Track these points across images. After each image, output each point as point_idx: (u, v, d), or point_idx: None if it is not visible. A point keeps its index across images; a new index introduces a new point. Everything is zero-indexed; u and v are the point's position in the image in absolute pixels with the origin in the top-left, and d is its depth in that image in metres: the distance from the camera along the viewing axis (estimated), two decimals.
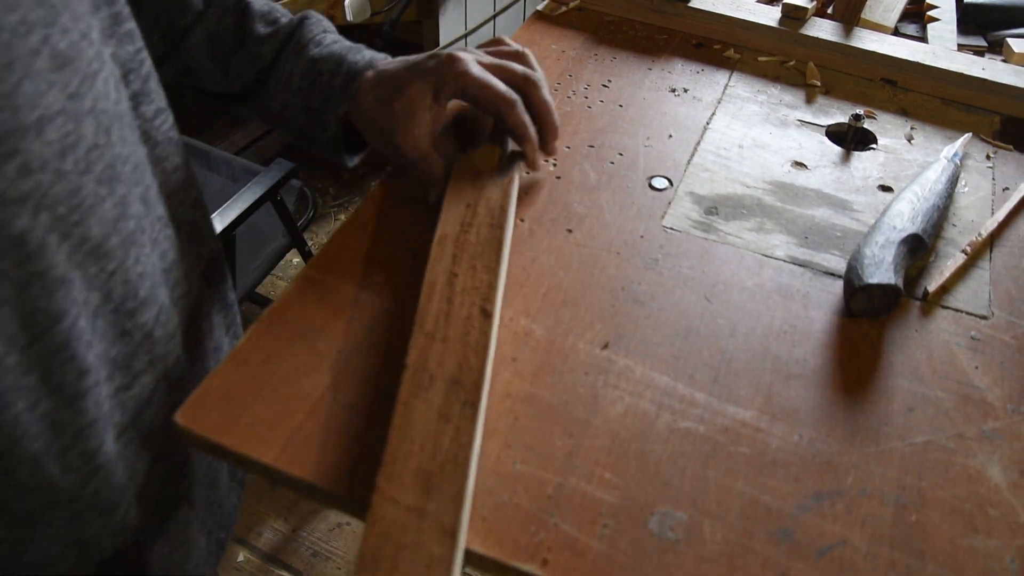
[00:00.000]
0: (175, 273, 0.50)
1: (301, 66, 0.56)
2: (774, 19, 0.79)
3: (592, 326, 0.50)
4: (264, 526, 1.39)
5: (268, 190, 1.18)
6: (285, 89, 0.57)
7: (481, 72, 0.53)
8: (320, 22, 0.59)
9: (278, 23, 0.58)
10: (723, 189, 0.62)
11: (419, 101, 0.53)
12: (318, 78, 0.56)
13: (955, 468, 0.44)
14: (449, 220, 0.52)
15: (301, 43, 0.57)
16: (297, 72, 0.56)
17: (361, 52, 0.57)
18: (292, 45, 0.57)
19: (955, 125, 0.71)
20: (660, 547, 0.40)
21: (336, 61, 0.56)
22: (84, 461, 0.43)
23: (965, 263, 0.57)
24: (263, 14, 0.58)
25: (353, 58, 0.56)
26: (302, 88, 0.56)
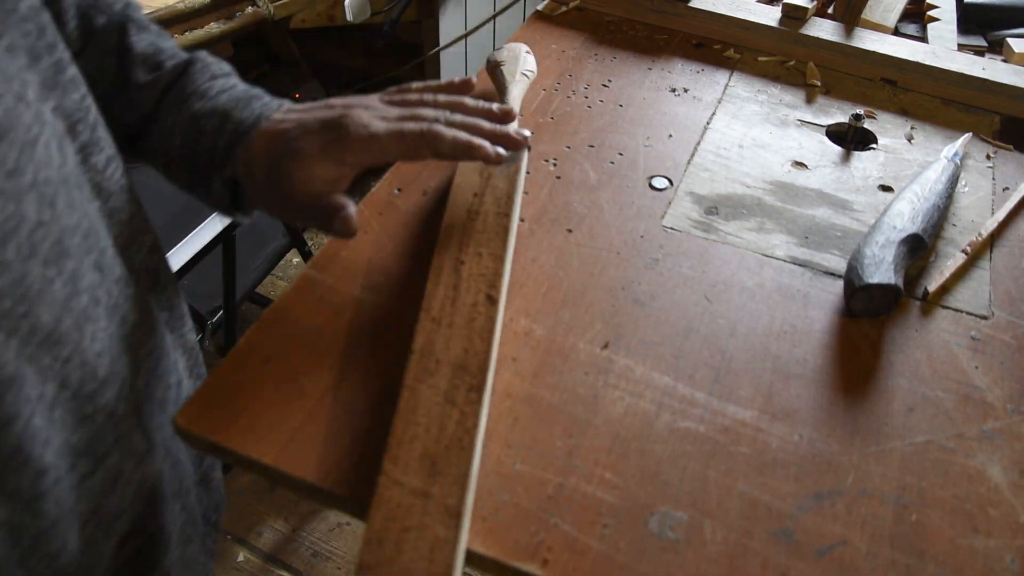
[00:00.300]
0: (137, 335, 0.46)
1: (182, 121, 0.50)
2: (774, 19, 0.79)
3: (592, 326, 0.50)
4: (264, 526, 1.39)
5: None
6: (167, 144, 0.51)
7: (386, 127, 0.46)
8: (208, 67, 0.52)
9: (161, 68, 0.51)
10: (723, 189, 0.62)
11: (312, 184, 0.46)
12: (200, 137, 0.49)
13: (955, 468, 0.44)
14: (456, 208, 0.52)
15: (183, 94, 0.50)
16: (179, 128, 0.50)
17: (250, 105, 0.49)
18: (173, 96, 0.51)
19: (955, 125, 0.71)
20: (660, 547, 0.40)
21: (221, 116, 0.49)
22: (47, 564, 0.40)
23: (965, 263, 0.57)
24: (145, 57, 0.51)
25: (239, 115, 0.49)
26: (184, 146, 0.50)
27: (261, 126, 0.48)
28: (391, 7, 1.65)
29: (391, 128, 0.46)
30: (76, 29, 0.50)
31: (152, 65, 0.51)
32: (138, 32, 0.51)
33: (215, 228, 1.09)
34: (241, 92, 0.51)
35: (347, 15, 1.58)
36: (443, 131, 0.47)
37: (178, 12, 1.32)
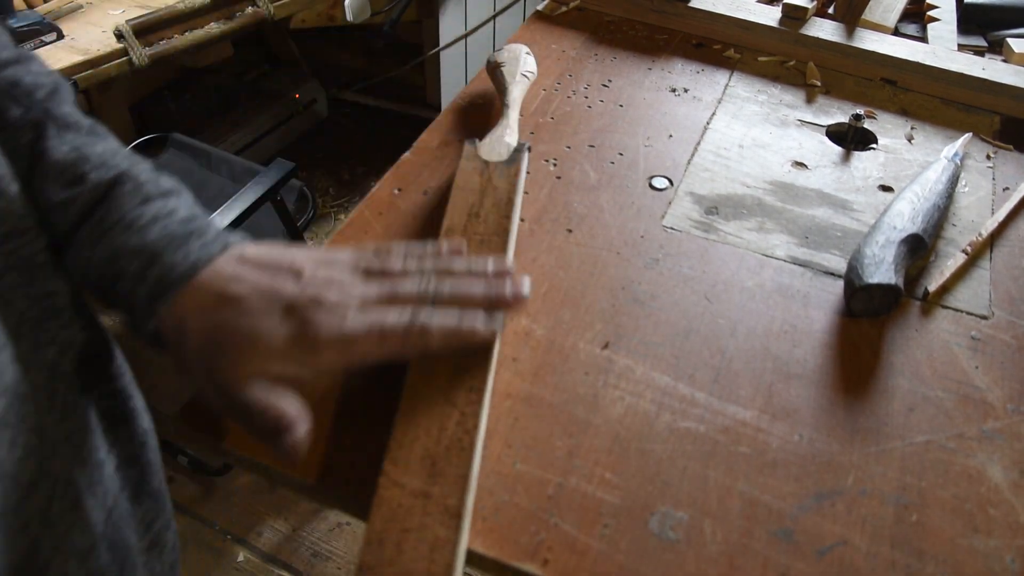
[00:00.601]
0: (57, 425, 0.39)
1: (98, 258, 0.39)
2: (774, 19, 0.79)
3: (592, 326, 0.50)
4: (264, 526, 1.39)
5: (268, 190, 1.18)
6: (82, 276, 0.41)
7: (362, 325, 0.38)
8: (141, 188, 0.41)
9: (82, 183, 0.40)
10: (723, 189, 0.62)
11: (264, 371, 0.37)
12: (118, 280, 0.39)
13: (955, 468, 0.44)
14: (457, 209, 0.52)
15: (104, 223, 0.40)
16: (94, 265, 0.40)
17: (186, 246, 0.39)
18: (93, 224, 0.40)
19: (955, 125, 0.71)
20: (660, 547, 0.40)
21: (147, 259, 0.39)
22: None
23: (965, 263, 0.57)
24: (64, 167, 0.40)
25: (170, 258, 0.39)
26: (100, 287, 0.40)
27: (198, 277, 0.38)
28: (391, 7, 1.65)
29: (370, 326, 0.38)
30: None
31: (71, 178, 0.40)
32: (59, 134, 0.41)
33: None
34: (178, 225, 0.40)
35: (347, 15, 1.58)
36: (430, 326, 0.39)
37: (178, 12, 1.32)
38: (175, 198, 0.42)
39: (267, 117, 1.99)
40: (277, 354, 0.37)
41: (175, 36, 1.33)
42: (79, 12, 1.37)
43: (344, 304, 0.39)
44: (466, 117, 0.68)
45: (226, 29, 1.37)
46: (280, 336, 0.37)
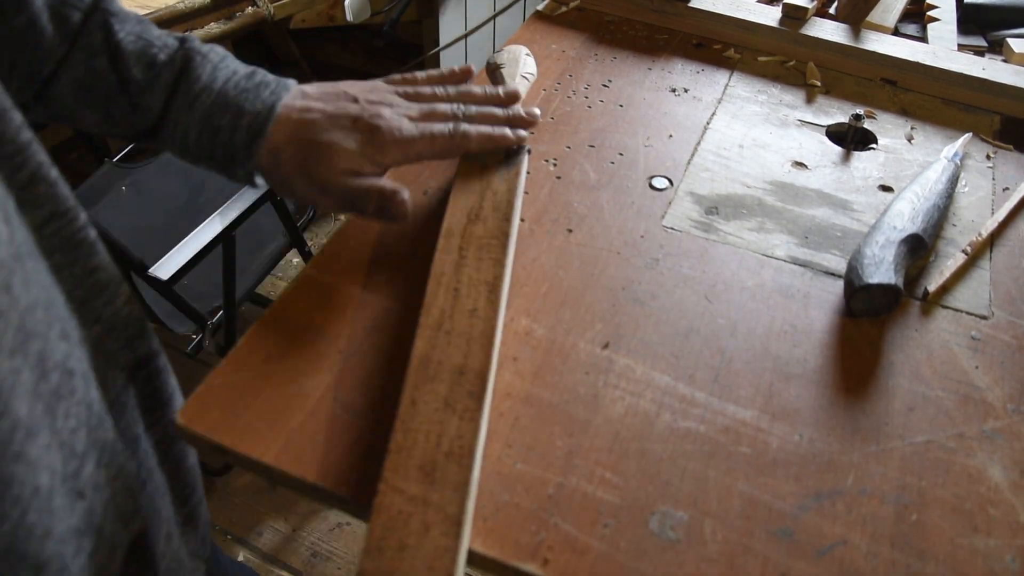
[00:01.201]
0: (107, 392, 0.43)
1: (195, 121, 0.49)
2: (774, 19, 0.79)
3: (592, 326, 0.50)
4: (264, 526, 1.39)
5: (268, 190, 1.18)
6: (183, 143, 0.50)
7: (415, 130, 0.50)
8: (206, 58, 0.51)
9: (156, 63, 0.49)
10: (723, 189, 0.62)
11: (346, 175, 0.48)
12: (216, 135, 0.49)
13: (955, 468, 0.44)
14: (456, 212, 0.52)
15: (191, 92, 0.49)
16: (192, 127, 0.49)
17: (260, 94, 0.49)
18: (181, 95, 0.49)
19: (955, 125, 0.71)
20: (660, 547, 0.40)
21: (235, 111, 0.48)
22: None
23: (965, 263, 0.57)
24: (138, 54, 0.49)
25: (253, 105, 0.49)
26: (201, 144, 0.49)
27: (278, 114, 0.48)
28: (391, 7, 1.65)
29: (422, 131, 0.49)
30: (55, 33, 0.48)
31: (147, 61, 0.49)
32: (121, 26, 0.50)
33: (215, 228, 1.09)
34: (245, 79, 0.50)
35: (347, 15, 1.58)
36: (469, 130, 0.51)
37: (178, 12, 1.32)
38: (230, 59, 0.52)
39: None
40: (355, 155, 0.48)
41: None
42: None
43: (398, 116, 0.49)
44: None
45: (226, 29, 1.37)
46: (354, 141, 0.48)
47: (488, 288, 0.47)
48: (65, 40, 0.48)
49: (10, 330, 0.33)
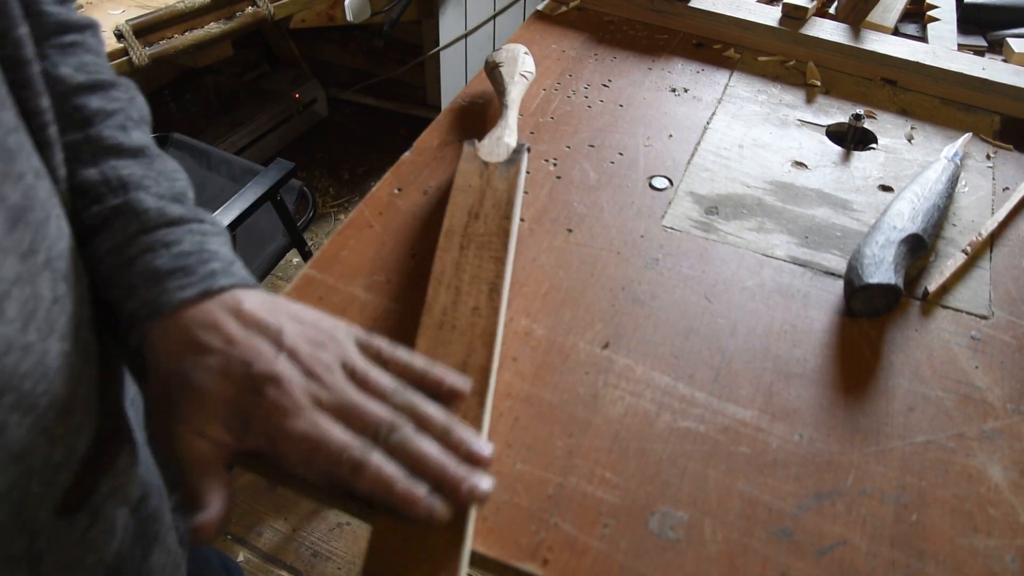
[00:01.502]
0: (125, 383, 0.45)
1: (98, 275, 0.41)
2: (774, 19, 0.79)
3: (592, 326, 0.50)
4: (264, 526, 1.39)
5: (268, 190, 1.18)
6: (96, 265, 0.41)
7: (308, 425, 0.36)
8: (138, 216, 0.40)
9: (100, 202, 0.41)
10: (723, 189, 0.62)
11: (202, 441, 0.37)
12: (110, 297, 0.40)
13: (955, 468, 0.44)
14: (456, 211, 0.52)
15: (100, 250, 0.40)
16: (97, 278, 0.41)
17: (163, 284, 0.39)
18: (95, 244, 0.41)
19: (955, 125, 0.71)
20: (660, 546, 0.40)
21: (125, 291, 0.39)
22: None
23: (965, 263, 0.57)
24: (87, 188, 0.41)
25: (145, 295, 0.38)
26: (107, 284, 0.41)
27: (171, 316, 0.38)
28: (391, 7, 1.65)
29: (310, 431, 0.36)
30: None
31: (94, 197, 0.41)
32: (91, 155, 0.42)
33: None
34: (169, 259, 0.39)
35: (347, 15, 1.58)
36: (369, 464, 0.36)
37: (178, 12, 1.32)
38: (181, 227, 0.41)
39: (267, 117, 1.99)
40: (215, 419, 0.36)
41: (175, 36, 1.33)
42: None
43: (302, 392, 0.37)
44: (466, 117, 0.68)
45: (226, 29, 1.37)
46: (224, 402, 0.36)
47: (489, 286, 0.48)
48: None
49: (64, 316, 0.35)
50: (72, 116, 0.41)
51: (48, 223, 0.35)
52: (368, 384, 0.39)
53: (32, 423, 0.35)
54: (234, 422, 0.37)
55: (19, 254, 0.33)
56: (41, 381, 0.35)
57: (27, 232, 0.34)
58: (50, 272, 0.35)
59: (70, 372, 0.37)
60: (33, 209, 0.34)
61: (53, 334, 0.35)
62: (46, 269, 0.35)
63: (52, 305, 0.35)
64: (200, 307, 0.38)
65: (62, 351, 0.36)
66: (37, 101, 0.37)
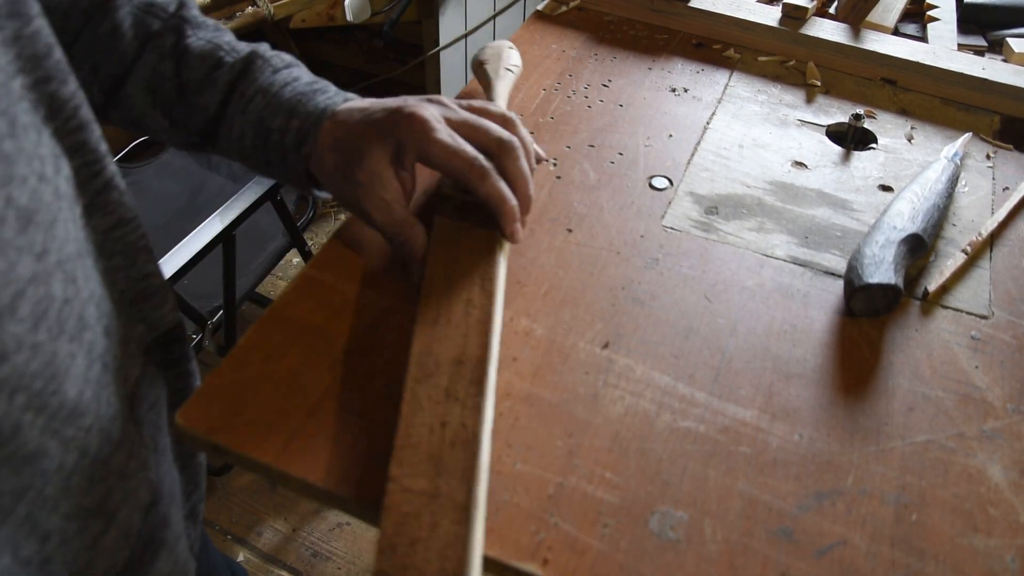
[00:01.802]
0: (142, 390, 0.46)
1: (250, 122, 0.50)
2: (774, 19, 0.79)
3: (592, 326, 0.50)
4: (264, 526, 1.39)
5: (268, 190, 1.18)
6: (238, 145, 0.51)
7: (447, 136, 0.47)
8: (269, 61, 0.52)
9: (221, 66, 0.50)
10: (723, 189, 0.62)
11: (382, 170, 0.47)
12: (269, 136, 0.49)
13: (955, 467, 0.44)
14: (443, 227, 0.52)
15: (246, 94, 0.50)
16: (247, 129, 0.50)
17: (314, 99, 0.49)
18: (236, 97, 0.50)
19: (955, 125, 0.71)
20: (660, 546, 0.40)
21: (286, 113, 0.49)
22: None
23: (965, 263, 0.57)
24: (204, 56, 0.50)
25: (305, 108, 0.49)
26: (256, 145, 0.50)
27: (327, 119, 0.48)
28: (391, 7, 1.65)
29: (451, 140, 0.46)
30: (133, 39, 0.51)
31: (212, 63, 0.50)
32: (194, 31, 0.51)
33: (215, 228, 1.09)
34: (305, 85, 0.51)
35: (347, 15, 1.58)
36: (493, 176, 0.47)
37: None
38: (296, 68, 0.52)
39: None
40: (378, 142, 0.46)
41: None
42: None
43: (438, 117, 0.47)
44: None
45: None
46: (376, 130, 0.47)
47: (481, 276, 0.48)
48: (139, 45, 0.51)
49: (72, 317, 0.37)
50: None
51: (56, 225, 0.36)
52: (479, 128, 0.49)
53: (44, 424, 0.35)
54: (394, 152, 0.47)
55: (34, 254, 0.34)
56: (51, 381, 0.35)
57: (38, 233, 0.34)
58: (61, 273, 0.36)
59: (78, 374, 0.37)
60: (40, 211, 0.35)
61: (63, 335, 0.36)
62: (58, 270, 0.36)
63: (63, 306, 0.36)
64: (340, 109, 0.49)
65: (70, 352, 0.37)
66: (63, 89, 0.38)
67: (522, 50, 0.77)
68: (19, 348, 0.33)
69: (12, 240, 0.32)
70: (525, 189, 0.49)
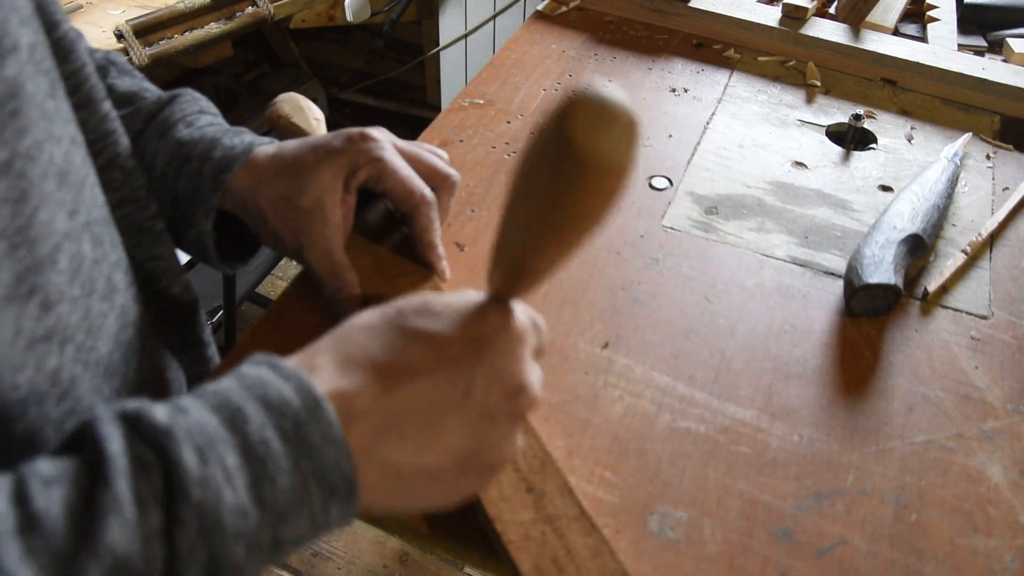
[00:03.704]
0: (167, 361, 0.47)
1: (166, 149, 0.47)
2: (774, 19, 0.79)
3: (592, 326, 0.50)
4: None
5: None
6: (151, 171, 0.48)
7: (399, 160, 0.47)
8: (196, 101, 0.50)
9: (144, 99, 0.49)
10: (723, 189, 0.62)
11: (329, 195, 0.45)
12: (185, 164, 0.46)
13: (955, 468, 0.44)
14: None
15: (168, 122, 0.48)
16: (160, 155, 0.47)
17: (241, 135, 0.48)
18: (156, 124, 0.48)
19: (955, 125, 0.71)
20: (660, 546, 0.40)
21: (208, 144, 0.47)
22: None
23: (965, 263, 0.57)
24: (127, 96, 0.49)
25: (229, 141, 0.47)
26: (167, 174, 0.47)
27: (253, 153, 0.46)
28: (391, 7, 1.65)
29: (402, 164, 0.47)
30: None
31: (136, 98, 0.49)
32: (119, 75, 0.50)
33: None
34: (229, 125, 0.50)
35: (347, 15, 1.58)
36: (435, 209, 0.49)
37: (178, 12, 1.32)
38: (220, 117, 0.51)
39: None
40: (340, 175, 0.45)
41: (175, 36, 1.33)
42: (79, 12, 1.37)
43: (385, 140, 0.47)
44: (466, 117, 0.68)
45: (226, 29, 1.37)
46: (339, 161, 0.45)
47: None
48: None
49: (102, 278, 0.38)
50: None
51: (84, 188, 0.37)
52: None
53: (90, 381, 0.37)
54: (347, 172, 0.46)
55: (67, 211, 0.35)
56: (89, 336, 0.36)
57: (70, 192, 0.35)
58: (89, 234, 0.37)
59: (110, 334, 0.39)
60: (71, 172, 0.36)
61: (94, 293, 0.37)
62: (86, 231, 0.37)
63: (93, 265, 0.37)
64: (262, 148, 0.47)
65: (102, 311, 0.38)
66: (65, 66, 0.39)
67: (522, 50, 0.77)
68: (60, 299, 0.34)
69: (52, 194, 0.33)
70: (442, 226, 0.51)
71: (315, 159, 0.45)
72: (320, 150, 0.45)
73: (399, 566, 1.33)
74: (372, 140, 0.46)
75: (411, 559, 1.34)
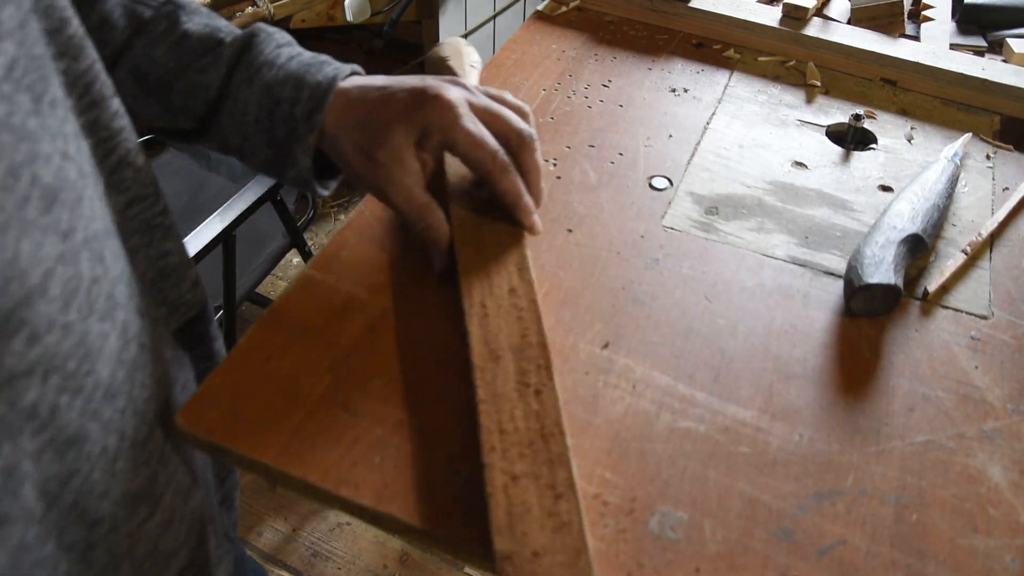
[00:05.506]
0: (174, 371, 0.46)
1: (255, 94, 0.48)
2: (774, 19, 0.79)
3: (592, 326, 0.50)
4: (264, 526, 1.39)
5: (268, 190, 1.18)
6: (241, 122, 0.49)
7: (472, 123, 0.47)
8: (272, 36, 0.51)
9: (222, 44, 0.50)
10: (723, 189, 0.62)
11: (404, 151, 0.46)
12: (276, 107, 0.48)
13: (955, 468, 0.44)
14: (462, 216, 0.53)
15: (252, 67, 0.49)
16: (252, 102, 0.48)
17: (322, 69, 0.49)
18: (241, 71, 0.49)
19: (955, 125, 0.71)
20: (660, 547, 0.40)
21: (295, 83, 0.48)
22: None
23: (965, 263, 0.57)
24: (203, 37, 0.50)
25: (314, 77, 0.48)
26: (260, 119, 0.48)
27: (339, 86, 0.48)
28: (391, 7, 1.65)
29: (475, 129, 0.46)
30: (124, 28, 0.50)
31: (213, 43, 0.49)
32: (189, 16, 0.51)
33: (215, 228, 1.09)
34: (311, 57, 0.50)
35: (347, 15, 1.58)
36: (513, 172, 0.48)
37: None
38: (296, 45, 0.52)
39: None
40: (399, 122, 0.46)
41: None
42: None
43: (463, 100, 0.47)
44: None
45: None
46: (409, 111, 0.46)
47: (516, 266, 0.49)
48: (132, 33, 0.50)
49: (102, 296, 0.37)
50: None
51: (81, 204, 0.36)
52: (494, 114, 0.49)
53: (81, 407, 0.36)
54: (419, 134, 0.46)
55: (60, 233, 0.34)
56: (84, 362, 0.35)
57: (64, 212, 0.34)
58: (88, 252, 0.36)
59: (111, 354, 0.38)
60: (64, 190, 0.34)
61: (93, 314, 0.36)
62: (85, 249, 0.36)
63: (92, 285, 0.36)
64: (349, 78, 0.49)
65: (101, 332, 0.37)
66: (75, 65, 0.38)
67: (522, 50, 0.77)
68: (50, 328, 0.33)
69: (37, 220, 0.32)
70: (537, 182, 0.51)
71: (388, 117, 0.46)
72: (393, 107, 0.46)
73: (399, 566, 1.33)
74: (447, 106, 0.46)
75: (411, 559, 1.34)
